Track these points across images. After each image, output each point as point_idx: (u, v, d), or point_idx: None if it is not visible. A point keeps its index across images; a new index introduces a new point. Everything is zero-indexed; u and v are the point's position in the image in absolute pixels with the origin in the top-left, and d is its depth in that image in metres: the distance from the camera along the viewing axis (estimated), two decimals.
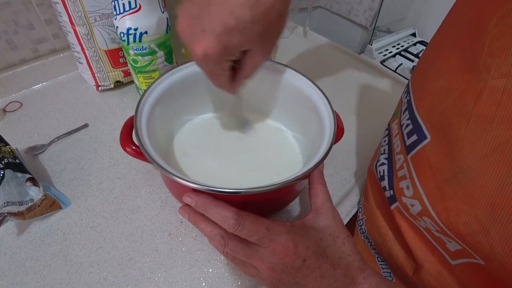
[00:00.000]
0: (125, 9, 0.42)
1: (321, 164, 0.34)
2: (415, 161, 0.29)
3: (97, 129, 0.50)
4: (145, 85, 0.51)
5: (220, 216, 0.27)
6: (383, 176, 0.36)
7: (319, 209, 0.31)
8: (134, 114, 0.35)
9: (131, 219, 0.39)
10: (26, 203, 0.37)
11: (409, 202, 0.30)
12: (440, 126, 0.26)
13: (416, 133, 0.29)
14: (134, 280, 0.34)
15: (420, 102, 0.30)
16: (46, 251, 0.36)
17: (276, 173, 0.40)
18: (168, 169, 0.27)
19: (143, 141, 0.30)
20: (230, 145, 0.44)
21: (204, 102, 0.45)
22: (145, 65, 0.48)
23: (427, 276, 0.31)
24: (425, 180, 0.28)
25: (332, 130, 0.34)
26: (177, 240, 0.37)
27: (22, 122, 0.51)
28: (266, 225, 0.27)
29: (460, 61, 0.25)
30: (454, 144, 0.24)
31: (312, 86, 0.39)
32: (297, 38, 0.79)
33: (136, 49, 0.45)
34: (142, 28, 0.43)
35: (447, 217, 0.25)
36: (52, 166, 0.44)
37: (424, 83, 0.30)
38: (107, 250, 0.36)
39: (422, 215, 0.29)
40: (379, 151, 0.40)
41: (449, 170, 0.25)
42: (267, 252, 0.27)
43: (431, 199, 0.27)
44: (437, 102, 0.27)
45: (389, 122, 0.39)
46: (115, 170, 0.44)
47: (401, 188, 0.32)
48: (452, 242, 0.27)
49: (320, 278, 0.26)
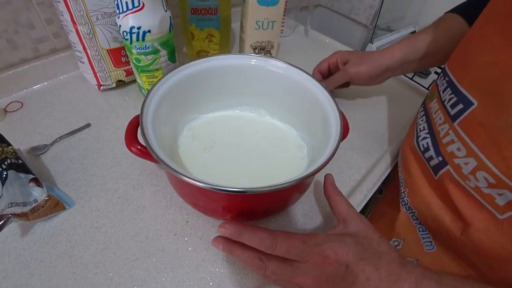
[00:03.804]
0: (128, 8, 0.41)
1: (332, 178, 0.36)
2: (464, 126, 0.33)
3: (99, 129, 0.50)
4: (148, 84, 0.51)
5: (256, 239, 0.28)
6: (427, 148, 0.40)
7: (345, 217, 0.32)
8: (139, 114, 0.35)
9: (136, 219, 0.39)
10: (30, 204, 0.37)
11: (462, 162, 0.33)
12: (487, 91, 0.30)
13: (461, 102, 0.33)
14: (140, 280, 0.34)
15: (463, 77, 0.34)
16: (51, 252, 0.36)
17: (280, 172, 0.40)
18: (177, 169, 0.27)
19: (150, 141, 0.30)
20: (234, 144, 0.44)
21: (208, 101, 0.45)
22: (148, 64, 0.47)
23: (476, 233, 0.33)
24: (478, 138, 0.31)
25: (338, 129, 0.34)
26: (183, 240, 0.37)
27: (23, 122, 0.50)
28: (301, 239, 0.28)
29: (502, 38, 0.29)
30: (503, 101, 0.28)
31: (317, 86, 0.39)
32: (298, 37, 0.79)
33: (139, 48, 0.45)
34: (145, 26, 0.43)
35: (506, 165, 0.28)
36: (55, 166, 0.44)
37: (466, 62, 0.34)
38: (112, 251, 0.36)
39: (476, 171, 0.31)
40: (417, 129, 0.44)
41: (500, 124, 0.28)
42: (308, 266, 0.27)
43: (487, 153, 0.30)
44: (483, 73, 0.31)
45: (424, 103, 0.45)
46: (118, 170, 0.44)
47: (450, 152, 0.35)
48: (504, 195, 0.29)
49: (366, 282, 0.26)
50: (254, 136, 0.45)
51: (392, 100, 0.63)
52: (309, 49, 0.74)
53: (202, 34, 0.58)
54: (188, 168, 0.39)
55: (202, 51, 0.61)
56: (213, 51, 0.61)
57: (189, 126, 0.45)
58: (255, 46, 0.60)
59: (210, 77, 0.41)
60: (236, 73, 0.42)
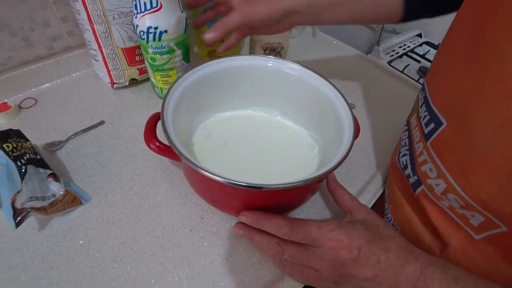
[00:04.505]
0: (146, 8, 0.42)
1: (333, 174, 0.37)
2: (434, 146, 0.32)
3: (113, 126, 0.50)
4: (162, 83, 0.52)
5: (274, 226, 0.30)
6: (406, 165, 0.39)
7: (350, 208, 0.34)
8: (157, 112, 0.36)
9: (152, 215, 0.39)
10: (49, 199, 0.38)
11: (434, 183, 0.33)
12: (454, 111, 0.29)
13: (433, 121, 0.32)
14: (157, 274, 0.34)
15: (435, 95, 0.33)
16: (68, 246, 0.36)
17: (292, 171, 0.41)
18: (201, 166, 0.28)
19: (173, 139, 0.30)
20: (247, 143, 0.44)
21: (222, 101, 0.45)
22: (163, 64, 0.48)
23: (454, 252, 0.33)
24: (446, 160, 0.31)
25: (351, 129, 0.35)
26: (198, 235, 0.38)
27: (37, 119, 0.51)
28: (317, 225, 0.30)
29: (467, 57, 0.28)
30: (469, 122, 0.27)
31: (331, 88, 0.39)
32: (306, 38, 0.80)
33: (155, 48, 0.46)
34: (162, 27, 0.44)
35: (470, 189, 0.28)
36: (70, 162, 0.45)
37: (438, 79, 0.33)
38: (129, 245, 0.37)
39: (447, 193, 0.31)
40: (400, 144, 0.43)
41: (467, 146, 0.27)
42: (323, 250, 0.29)
43: (454, 175, 0.29)
44: (451, 92, 0.30)
45: (408, 118, 0.42)
46: (133, 166, 0.44)
47: (424, 171, 0.34)
48: (475, 216, 0.29)
49: (377, 264, 0.28)
50: (266, 135, 0.46)
51: (398, 102, 0.64)
52: (317, 51, 0.75)
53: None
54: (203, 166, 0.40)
55: (213, 52, 0.62)
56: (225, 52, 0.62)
57: (203, 125, 0.45)
58: (265, 48, 0.61)
59: (227, 77, 0.42)
60: (252, 74, 0.43)
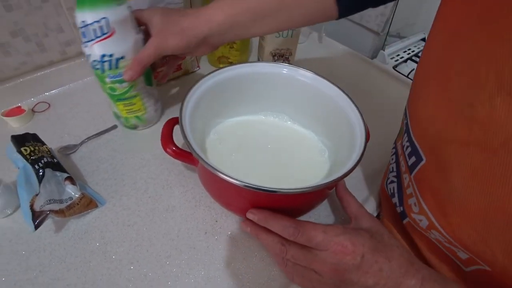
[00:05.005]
0: (97, 35, 0.38)
1: (343, 181, 0.38)
2: (417, 181, 0.32)
3: (125, 130, 0.51)
4: (126, 113, 0.47)
5: (280, 226, 0.30)
6: (393, 193, 0.39)
7: (357, 215, 0.34)
8: (173, 117, 0.37)
9: (166, 218, 0.40)
10: (66, 201, 0.38)
11: (417, 218, 0.32)
12: (431, 149, 0.29)
13: (415, 155, 0.31)
14: (173, 276, 0.35)
15: (414, 126, 0.32)
16: (85, 248, 0.37)
17: (303, 175, 0.42)
18: (220, 169, 0.29)
19: (192, 144, 0.31)
20: (258, 147, 0.45)
21: (234, 106, 0.46)
22: (124, 92, 0.44)
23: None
24: (427, 198, 0.30)
25: (362, 137, 0.35)
26: (213, 238, 0.38)
27: (51, 123, 0.52)
28: (322, 229, 0.30)
29: (439, 93, 0.27)
30: (444, 165, 0.26)
31: (341, 95, 0.40)
32: (313, 44, 0.81)
33: (113, 76, 0.41)
34: (118, 53, 0.39)
35: (451, 230, 0.28)
36: (84, 165, 0.46)
37: (415, 110, 0.32)
38: (145, 248, 0.37)
39: (430, 229, 0.31)
40: (389, 169, 0.42)
41: (445, 189, 0.27)
42: (327, 254, 0.29)
43: (435, 215, 0.29)
44: (427, 128, 0.29)
45: (395, 140, 0.41)
46: (147, 170, 0.45)
47: (409, 204, 0.34)
48: (460, 252, 0.29)
49: (379, 272, 0.28)
50: (277, 140, 0.47)
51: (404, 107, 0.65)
52: (323, 55, 0.76)
53: None
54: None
55: (222, 57, 0.63)
56: (233, 57, 0.63)
57: (215, 130, 0.46)
58: (274, 53, 0.62)
59: (240, 83, 0.43)
60: (266, 80, 0.44)
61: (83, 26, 0.37)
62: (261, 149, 0.45)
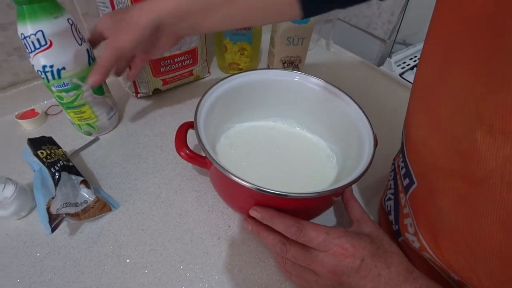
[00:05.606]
0: (36, 47, 0.39)
1: (350, 187, 0.37)
2: (411, 202, 0.32)
3: (138, 134, 0.52)
4: (77, 120, 0.48)
5: (283, 225, 0.30)
6: (390, 211, 0.39)
7: (359, 219, 0.34)
8: (186, 122, 0.38)
9: (180, 222, 0.40)
10: (81, 205, 0.39)
11: (410, 238, 0.33)
12: (422, 174, 0.29)
13: (408, 177, 0.32)
14: (187, 280, 0.35)
15: (408, 148, 0.32)
16: (99, 251, 0.37)
17: (312, 181, 0.42)
18: (236, 174, 0.30)
19: (207, 148, 0.32)
20: (268, 153, 0.46)
21: (245, 111, 0.47)
22: (71, 101, 0.45)
23: None
24: (419, 220, 0.30)
25: (371, 144, 0.36)
26: (226, 243, 0.39)
27: (64, 125, 0.53)
28: (324, 230, 0.30)
29: (432, 118, 0.27)
30: (433, 191, 0.27)
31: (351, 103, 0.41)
32: (320, 50, 0.82)
33: (58, 86, 0.42)
34: (58, 64, 0.40)
35: (440, 254, 0.28)
36: (97, 169, 0.46)
37: (410, 131, 0.32)
38: (159, 252, 0.38)
39: (422, 251, 0.31)
40: (387, 185, 0.41)
41: (435, 214, 0.27)
42: (327, 256, 0.29)
43: (426, 238, 0.29)
44: (419, 151, 0.29)
45: (394, 157, 0.41)
46: (160, 175, 0.46)
47: (405, 224, 0.34)
48: (452, 273, 0.29)
49: (377, 277, 0.28)
50: (286, 146, 0.47)
51: None
52: (330, 62, 0.77)
53: (234, 47, 0.61)
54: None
55: (233, 64, 0.64)
56: (244, 64, 0.64)
57: (226, 135, 0.47)
58: (284, 60, 0.62)
59: (252, 89, 0.44)
60: (277, 87, 0.45)
61: (22, 38, 0.38)
62: (271, 154, 0.46)
